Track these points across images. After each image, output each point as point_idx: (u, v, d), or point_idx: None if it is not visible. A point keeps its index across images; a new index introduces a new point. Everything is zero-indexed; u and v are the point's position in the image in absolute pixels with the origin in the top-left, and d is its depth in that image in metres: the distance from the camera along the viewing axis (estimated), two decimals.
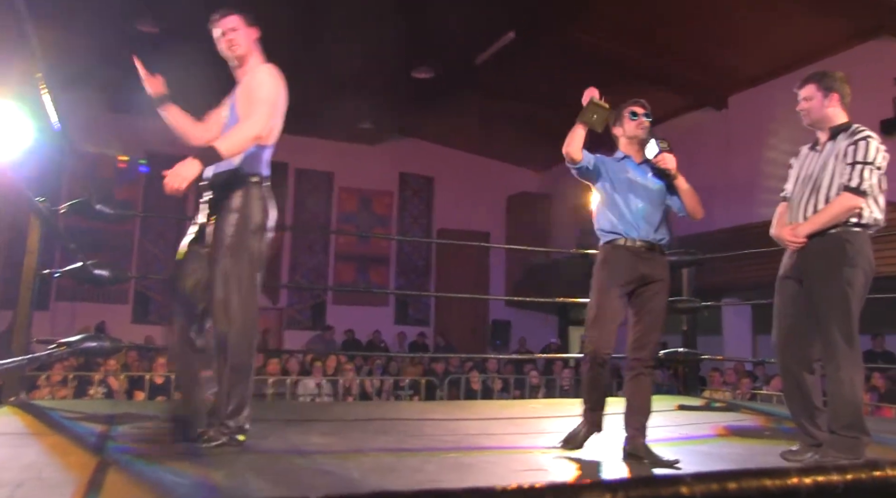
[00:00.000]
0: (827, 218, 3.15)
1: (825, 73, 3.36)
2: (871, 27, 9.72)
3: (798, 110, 3.40)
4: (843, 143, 3.20)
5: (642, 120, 3.51)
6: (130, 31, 10.33)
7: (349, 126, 14.96)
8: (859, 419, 3.07)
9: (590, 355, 3.41)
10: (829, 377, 3.13)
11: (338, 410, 5.86)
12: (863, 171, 3.09)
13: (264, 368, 9.79)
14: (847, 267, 3.11)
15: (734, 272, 10.61)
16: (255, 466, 2.72)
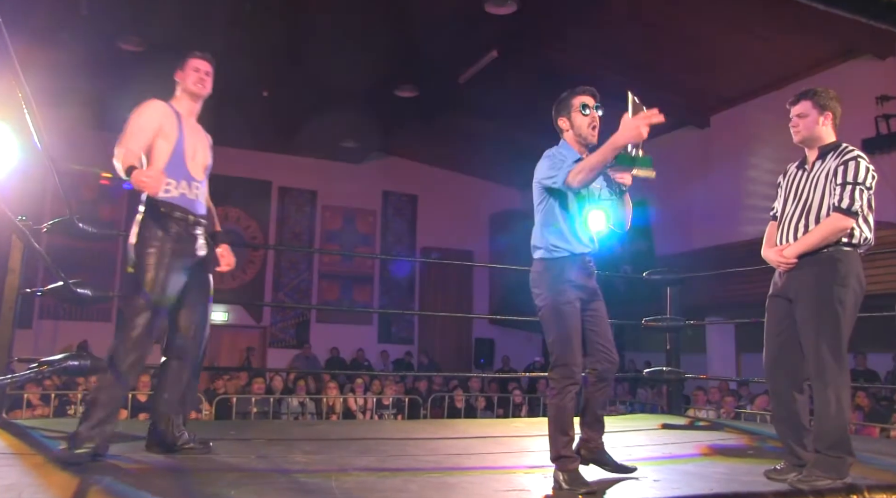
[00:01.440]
0: (817, 239, 3.15)
1: (819, 91, 3.33)
2: (852, 46, 9.86)
3: (791, 126, 3.37)
4: (832, 162, 3.20)
5: (594, 115, 3.26)
6: (114, 49, 10.31)
7: (333, 144, 14.97)
8: (845, 439, 3.02)
9: (572, 380, 3.09)
10: (817, 396, 3.12)
11: (321, 428, 5.82)
12: (853, 192, 3.09)
13: (249, 387, 9.72)
14: (838, 286, 3.10)
15: (718, 291, 10.68)
16: (237, 485, 2.69)
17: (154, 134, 3.42)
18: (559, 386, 3.09)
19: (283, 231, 15.86)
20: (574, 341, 3.12)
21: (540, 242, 3.26)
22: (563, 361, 3.09)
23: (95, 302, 4.35)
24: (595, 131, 3.26)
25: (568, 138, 3.30)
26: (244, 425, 6.31)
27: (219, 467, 3.13)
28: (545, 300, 3.18)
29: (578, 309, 3.19)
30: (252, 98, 11.63)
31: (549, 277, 3.19)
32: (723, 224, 11.72)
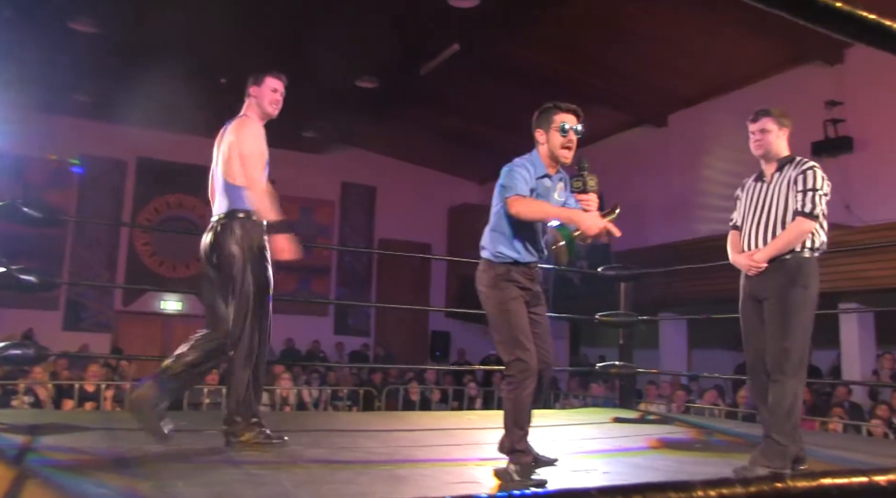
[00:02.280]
0: (784, 243, 3.37)
1: (775, 110, 3.55)
2: (803, 52, 10.06)
3: (753, 141, 3.55)
4: (791, 172, 3.42)
5: (572, 137, 3.21)
6: (64, 30, 10.03)
7: (292, 134, 14.81)
8: (795, 430, 3.27)
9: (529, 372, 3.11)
10: (775, 387, 3.30)
11: (273, 420, 5.77)
12: (814, 197, 3.33)
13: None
14: (801, 288, 3.33)
15: (671, 287, 10.83)
16: (185, 477, 2.66)
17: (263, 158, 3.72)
18: (517, 380, 3.10)
19: None
20: (525, 333, 3.15)
21: (488, 245, 3.29)
22: (518, 355, 3.11)
23: (41, 290, 4.25)
24: (569, 152, 3.23)
25: (541, 151, 3.27)
26: (196, 416, 6.23)
27: (166, 458, 3.08)
28: (489, 298, 3.22)
29: (523, 304, 3.22)
30: (210, 85, 11.45)
31: (492, 276, 3.22)
32: (678, 222, 11.89)
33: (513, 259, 3.22)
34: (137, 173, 14.81)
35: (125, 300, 14.49)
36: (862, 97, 9.38)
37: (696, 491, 0.58)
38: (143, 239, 14.73)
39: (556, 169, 3.29)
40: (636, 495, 0.60)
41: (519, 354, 3.11)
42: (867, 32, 0.76)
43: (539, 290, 3.36)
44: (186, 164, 14.82)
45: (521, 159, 3.26)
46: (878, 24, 0.74)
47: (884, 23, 0.75)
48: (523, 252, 3.23)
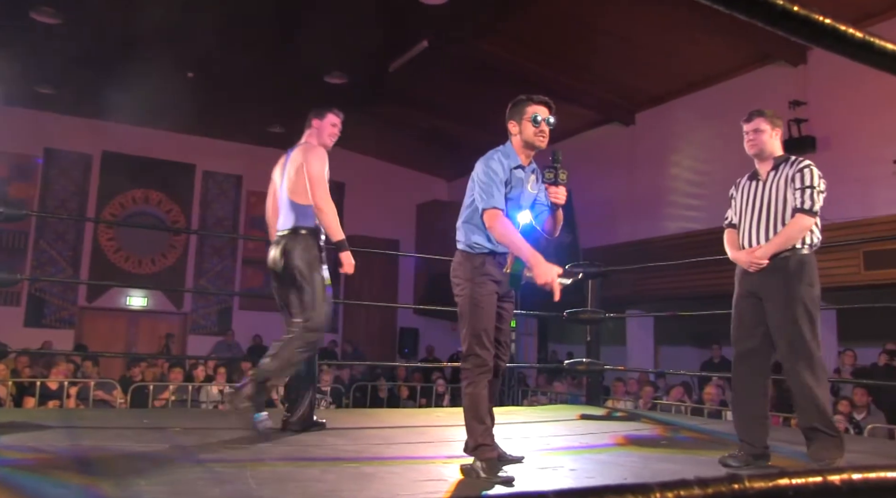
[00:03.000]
0: (785, 238, 3.44)
1: (767, 111, 3.65)
2: (768, 52, 10.19)
3: (747, 141, 3.64)
4: (788, 171, 3.50)
5: (544, 128, 3.26)
6: (26, 20, 9.83)
7: (259, 129, 14.71)
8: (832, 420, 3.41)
9: (485, 368, 3.16)
10: (798, 383, 3.38)
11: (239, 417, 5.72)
12: (812, 194, 3.41)
13: (167, 375, 9.50)
14: (806, 286, 3.41)
15: (638, 284, 10.93)
16: (147, 475, 2.62)
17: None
18: (472, 375, 3.15)
19: (206, 216, 15.51)
20: (489, 332, 3.18)
21: (463, 238, 3.30)
22: (476, 351, 3.15)
23: (2, 285, 4.17)
24: (543, 139, 3.29)
25: (514, 142, 3.31)
26: (160, 414, 6.16)
27: (129, 456, 3.04)
28: (464, 290, 3.23)
29: (495, 301, 3.24)
30: (176, 79, 11.32)
31: (469, 268, 3.23)
32: (645, 219, 11.99)
33: (489, 249, 3.23)
34: (103, 167, 14.57)
35: (89, 296, 14.27)
36: (824, 97, 9.53)
37: (654, 493, 0.58)
38: (109, 234, 14.53)
39: (529, 160, 3.34)
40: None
41: (478, 351, 3.15)
42: (822, 36, 0.77)
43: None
44: (153, 158, 14.65)
45: (495, 151, 3.30)
46: (833, 28, 0.75)
47: (838, 27, 0.76)
48: (498, 243, 3.24)
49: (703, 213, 11.06)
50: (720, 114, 10.72)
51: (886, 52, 0.78)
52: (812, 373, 3.34)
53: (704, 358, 11.32)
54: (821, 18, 0.76)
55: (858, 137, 9.18)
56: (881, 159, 8.78)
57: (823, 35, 0.76)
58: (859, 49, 0.78)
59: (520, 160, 3.29)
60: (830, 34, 0.76)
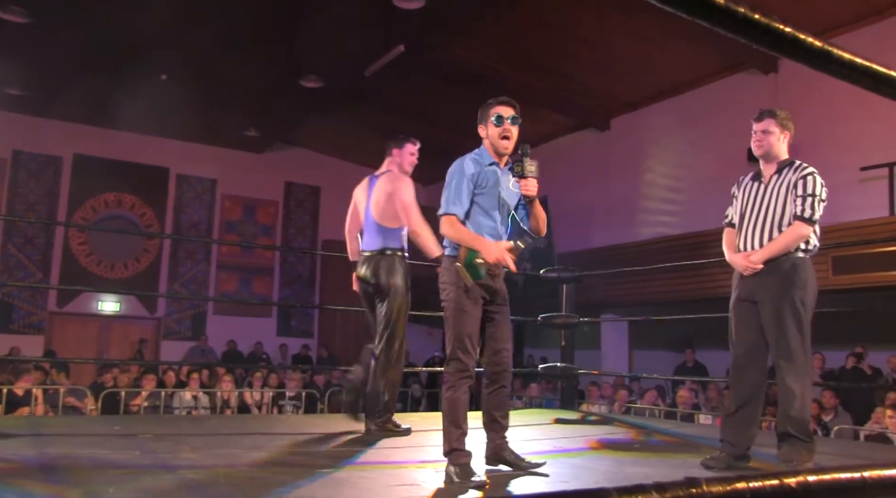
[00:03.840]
0: (781, 246, 3.45)
1: (780, 112, 3.63)
2: (740, 60, 10.31)
3: (754, 141, 3.63)
4: (790, 176, 3.50)
5: (507, 127, 3.31)
6: None
7: (234, 132, 14.62)
8: (809, 426, 3.45)
9: (465, 373, 3.18)
10: (785, 388, 3.41)
11: (213, 423, 5.68)
12: (813, 203, 3.41)
13: (139, 381, 9.40)
14: (800, 290, 3.42)
15: (613, 289, 10.99)
16: (116, 483, 2.59)
17: None
18: (453, 380, 3.16)
19: (180, 220, 15.37)
20: (472, 337, 3.20)
21: (448, 243, 3.33)
22: (458, 355, 3.16)
23: None
24: (508, 142, 3.33)
25: (486, 145, 3.40)
26: (131, 420, 6.10)
27: (98, 464, 3.01)
28: (449, 295, 3.24)
29: (480, 306, 3.25)
30: (150, 81, 11.22)
31: (454, 273, 3.24)
32: (619, 225, 12.07)
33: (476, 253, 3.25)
34: (74, 170, 14.39)
35: (60, 301, 14.08)
36: (794, 105, 9.64)
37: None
38: (80, 238, 14.35)
39: (503, 161, 3.39)
40: None
41: (460, 355, 3.17)
42: (783, 44, 0.78)
43: (501, 287, 3.40)
44: (126, 161, 14.49)
45: (470, 154, 3.36)
46: (794, 36, 0.76)
47: (799, 36, 0.77)
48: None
49: (676, 218, 11.15)
50: (694, 120, 10.84)
51: (844, 61, 0.80)
52: (795, 376, 3.37)
53: (678, 362, 11.40)
54: (782, 27, 0.77)
55: (826, 145, 9.31)
56: (848, 166, 8.92)
57: (784, 43, 0.77)
58: (818, 58, 0.79)
59: (493, 159, 3.35)
60: (791, 43, 0.77)
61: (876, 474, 0.73)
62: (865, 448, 5.16)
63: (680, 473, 3.42)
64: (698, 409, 8.54)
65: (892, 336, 8.94)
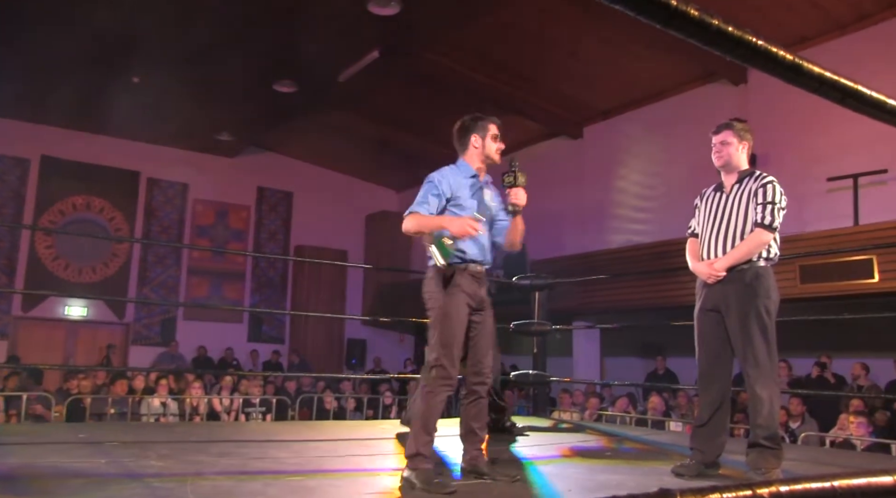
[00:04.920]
0: (743, 252, 3.49)
1: (737, 124, 3.70)
2: (711, 70, 10.44)
3: (714, 153, 3.68)
4: (751, 185, 3.56)
5: (501, 145, 3.50)
6: None
7: (207, 136, 14.50)
8: (778, 433, 3.47)
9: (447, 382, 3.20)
10: (754, 395, 3.44)
11: (181, 430, 5.61)
12: (773, 211, 3.47)
13: (106, 387, 9.26)
14: (763, 298, 3.46)
15: (585, 296, 11.03)
16: (80, 492, 2.55)
17: None
18: (434, 386, 3.16)
19: (150, 224, 15.20)
20: (458, 345, 3.22)
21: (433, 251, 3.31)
22: (443, 362, 3.17)
23: None
24: (499, 158, 3.50)
25: (475, 155, 3.47)
26: (97, 428, 6.00)
27: (62, 473, 2.95)
28: (436, 303, 3.26)
29: (466, 315, 3.28)
30: (121, 84, 11.09)
31: (440, 280, 3.27)
32: (592, 232, 12.14)
33: (461, 259, 3.30)
34: (41, 173, 14.17)
35: (25, 305, 13.83)
36: (764, 116, 9.79)
37: None
38: (47, 242, 14.12)
39: (483, 173, 3.50)
40: None
41: (444, 362, 3.17)
42: (755, 56, 0.79)
43: (485, 297, 3.44)
44: (96, 164, 14.31)
45: (448, 167, 3.44)
46: (766, 49, 0.77)
47: (770, 48, 0.78)
48: (470, 250, 3.33)
49: (648, 225, 11.24)
50: (665, 129, 10.94)
51: (813, 74, 0.81)
52: (763, 384, 3.41)
53: (649, 369, 11.48)
54: (754, 40, 0.78)
55: (794, 155, 9.46)
56: (815, 177, 9.07)
57: (756, 56, 0.78)
58: (789, 70, 0.80)
59: (474, 171, 3.45)
60: (763, 55, 0.78)
61: (845, 484, 0.74)
62: (831, 454, 5.23)
63: (651, 481, 3.44)
64: (669, 416, 8.60)
65: (858, 344, 9.08)
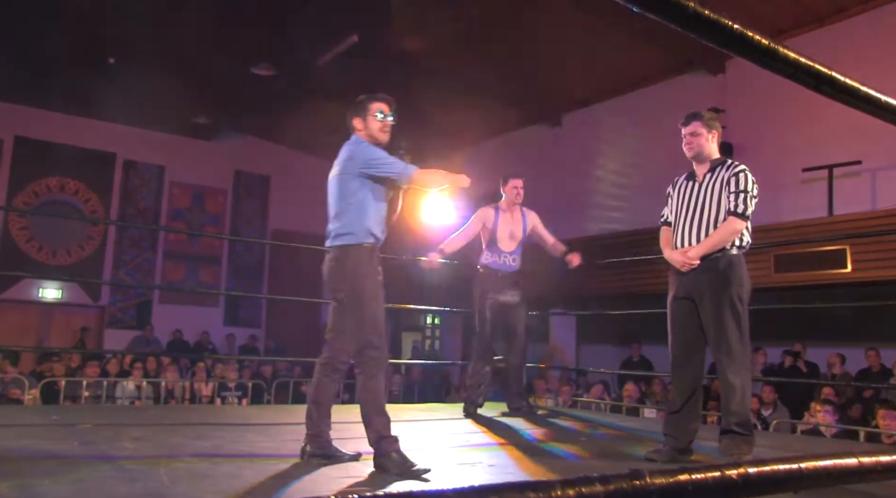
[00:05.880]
0: (716, 241, 3.53)
1: (705, 114, 3.75)
2: (689, 60, 10.47)
3: (685, 144, 3.72)
4: (723, 174, 3.60)
5: (388, 122, 3.49)
6: None
7: (183, 119, 14.34)
8: (749, 420, 3.51)
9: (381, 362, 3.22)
10: (725, 383, 3.49)
11: (155, 413, 5.59)
12: (746, 199, 3.51)
13: (81, 370, 9.19)
14: (736, 286, 3.52)
15: (562, 284, 11.06)
16: (52, 474, 2.53)
17: None
18: (371, 370, 3.17)
19: (126, 206, 15.03)
20: (382, 325, 3.23)
21: (354, 229, 3.29)
22: (375, 344, 3.18)
23: None
24: (387, 135, 3.49)
25: (362, 137, 3.49)
26: (71, 411, 5.96)
27: (34, 455, 2.93)
28: (354, 286, 3.25)
29: (382, 293, 3.30)
30: (97, 64, 10.94)
31: (358, 261, 3.26)
32: (569, 220, 12.15)
33: (376, 239, 3.34)
34: (15, 153, 13.96)
35: None
36: (740, 106, 9.85)
37: (556, 490, 0.59)
38: (21, 223, 13.93)
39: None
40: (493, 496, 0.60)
41: (375, 343, 3.18)
42: (731, 41, 0.79)
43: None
44: (71, 145, 14.10)
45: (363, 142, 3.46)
46: (741, 33, 0.78)
47: (746, 33, 0.78)
48: (381, 232, 3.37)
49: (625, 214, 11.29)
50: (643, 118, 10.97)
51: (789, 60, 0.81)
52: (735, 371, 3.46)
53: (624, 356, 11.56)
54: (730, 24, 0.78)
55: (770, 146, 9.52)
56: (790, 168, 9.14)
57: (732, 41, 0.79)
58: (764, 55, 0.81)
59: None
60: (738, 40, 0.78)
61: (812, 466, 0.75)
62: (801, 441, 5.31)
63: (624, 466, 3.47)
64: (643, 403, 8.68)
65: (830, 333, 9.20)
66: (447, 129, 12.45)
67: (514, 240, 5.67)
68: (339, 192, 3.36)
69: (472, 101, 11.32)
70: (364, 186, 3.31)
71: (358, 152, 3.37)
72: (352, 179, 3.33)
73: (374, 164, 3.31)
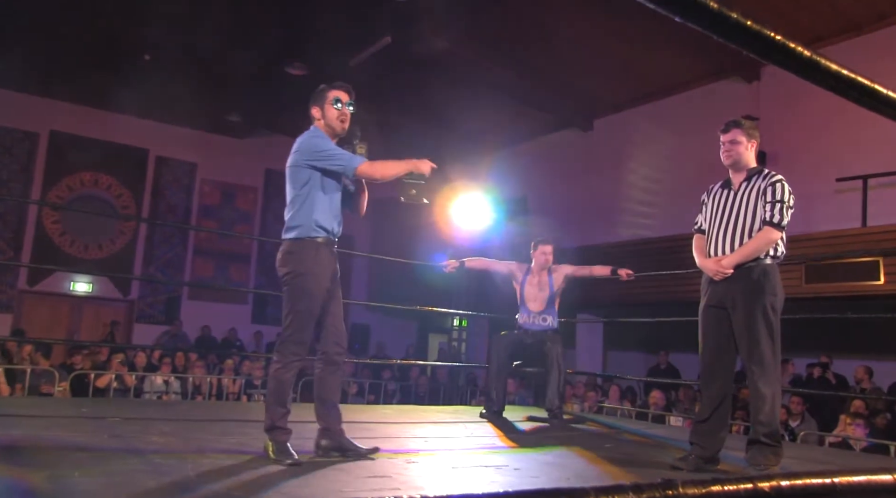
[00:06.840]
0: (751, 250, 3.51)
1: (746, 122, 3.74)
2: (723, 67, 10.38)
3: (723, 151, 3.69)
4: (759, 183, 3.57)
5: (345, 111, 3.47)
6: None
7: (216, 117, 14.49)
8: (778, 430, 3.48)
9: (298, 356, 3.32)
10: (756, 392, 3.46)
11: (183, 409, 5.65)
12: (782, 209, 3.49)
13: (108, 363, 9.31)
14: (770, 296, 3.49)
15: (590, 289, 11.02)
16: (82, 467, 2.57)
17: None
18: (286, 360, 3.26)
19: (157, 203, 15.21)
20: (311, 322, 3.28)
21: (302, 221, 3.31)
22: (296, 338, 3.26)
23: None
24: (344, 124, 3.46)
25: (319, 126, 3.46)
26: (100, 403, 6.04)
27: (65, 447, 2.98)
28: (294, 277, 3.28)
29: (324, 290, 3.32)
30: (132, 61, 11.08)
31: (301, 257, 3.28)
32: (599, 225, 12.11)
33: (326, 232, 3.34)
34: (50, 147, 14.19)
35: (30, 280, 13.88)
36: (775, 114, 9.74)
37: (589, 497, 0.59)
38: (54, 217, 14.15)
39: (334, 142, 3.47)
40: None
41: (296, 337, 3.26)
42: (772, 51, 0.78)
43: (338, 269, 3.47)
44: (104, 141, 14.31)
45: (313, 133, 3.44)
46: (783, 44, 0.77)
47: (788, 44, 0.78)
48: (332, 225, 3.37)
49: (655, 220, 11.22)
50: (676, 124, 10.89)
51: (831, 72, 0.81)
52: (766, 381, 3.42)
53: (650, 363, 11.48)
54: (773, 35, 0.77)
55: (804, 155, 9.41)
56: (824, 177, 9.02)
57: (774, 51, 0.78)
58: (806, 67, 0.80)
59: (331, 141, 3.43)
60: (780, 51, 0.78)
61: (845, 480, 0.74)
62: (830, 454, 5.23)
63: (649, 474, 3.45)
64: (669, 410, 8.61)
65: (860, 345, 9.07)
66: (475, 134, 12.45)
67: (541, 301, 5.77)
68: (290, 183, 3.38)
69: (503, 104, 11.32)
70: (313, 178, 3.32)
71: (305, 144, 3.38)
72: (300, 170, 3.34)
73: (318, 157, 3.31)
